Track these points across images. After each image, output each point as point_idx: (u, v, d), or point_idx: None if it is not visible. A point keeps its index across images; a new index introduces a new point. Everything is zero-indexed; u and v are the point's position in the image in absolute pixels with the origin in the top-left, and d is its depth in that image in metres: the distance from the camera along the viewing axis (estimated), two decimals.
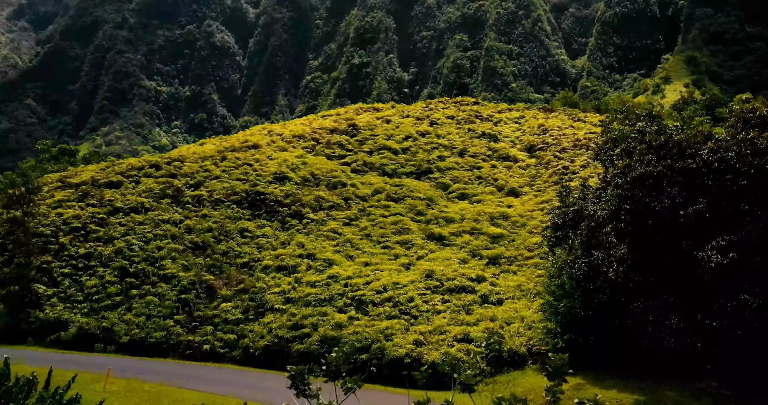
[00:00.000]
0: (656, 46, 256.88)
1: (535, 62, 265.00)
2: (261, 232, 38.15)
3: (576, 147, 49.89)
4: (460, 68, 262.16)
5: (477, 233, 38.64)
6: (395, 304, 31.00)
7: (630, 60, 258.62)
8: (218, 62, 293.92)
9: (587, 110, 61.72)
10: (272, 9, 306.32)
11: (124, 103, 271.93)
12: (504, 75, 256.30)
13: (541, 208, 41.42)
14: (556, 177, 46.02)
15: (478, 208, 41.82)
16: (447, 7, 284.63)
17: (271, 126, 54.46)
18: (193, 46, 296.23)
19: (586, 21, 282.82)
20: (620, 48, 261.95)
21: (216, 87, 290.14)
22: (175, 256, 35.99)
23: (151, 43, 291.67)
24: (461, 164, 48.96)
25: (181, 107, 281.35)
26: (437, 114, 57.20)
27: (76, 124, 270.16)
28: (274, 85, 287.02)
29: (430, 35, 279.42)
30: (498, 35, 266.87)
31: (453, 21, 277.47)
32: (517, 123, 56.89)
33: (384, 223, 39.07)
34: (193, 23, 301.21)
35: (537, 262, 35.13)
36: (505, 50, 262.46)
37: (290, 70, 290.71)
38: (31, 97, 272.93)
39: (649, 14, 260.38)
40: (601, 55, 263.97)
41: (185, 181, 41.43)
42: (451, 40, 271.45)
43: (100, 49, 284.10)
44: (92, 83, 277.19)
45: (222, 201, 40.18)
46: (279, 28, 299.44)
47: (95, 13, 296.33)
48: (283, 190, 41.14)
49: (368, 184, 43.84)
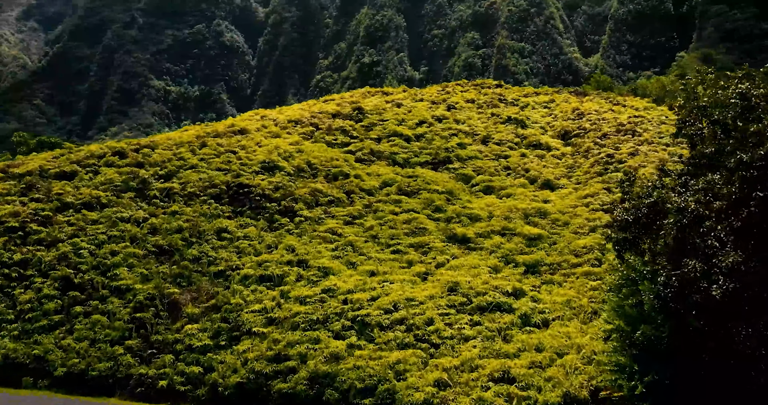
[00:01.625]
0: (670, 44, 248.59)
1: (547, 60, 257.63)
2: (243, 233, 30.28)
3: (619, 132, 41.76)
4: (472, 67, 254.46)
5: (509, 234, 30.61)
6: (409, 328, 23.06)
7: (644, 58, 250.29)
8: (227, 62, 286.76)
9: (623, 94, 53.75)
10: (281, 8, 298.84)
11: (133, 103, 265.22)
12: (516, 73, 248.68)
13: (586, 204, 33.33)
14: (599, 167, 37.93)
15: (508, 204, 33.77)
16: (458, 5, 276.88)
17: (265, 111, 46.61)
18: (201, 46, 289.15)
19: (599, 18, 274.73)
20: (634, 45, 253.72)
21: (225, 86, 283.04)
22: (133, 263, 28.14)
23: (159, 42, 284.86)
24: (485, 153, 40.95)
25: (190, 107, 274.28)
26: (455, 97, 49.17)
27: (85, 124, 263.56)
28: (284, 84, 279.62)
29: (441, 33, 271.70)
30: (510, 33, 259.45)
31: (464, 19, 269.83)
32: (547, 107, 48.78)
33: (394, 222, 31.12)
34: (202, 23, 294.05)
35: (588, 271, 27.09)
36: (517, 48, 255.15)
37: (300, 70, 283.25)
38: (39, 98, 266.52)
39: (663, 11, 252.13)
40: (615, 52, 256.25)
41: (154, 171, 33.56)
42: (463, 38, 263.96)
43: (108, 49, 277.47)
44: (101, 83, 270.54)
45: (197, 195, 32.32)
46: (288, 28, 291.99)
47: (103, 12, 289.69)
48: (272, 182, 33.26)
49: (375, 176, 35.91)
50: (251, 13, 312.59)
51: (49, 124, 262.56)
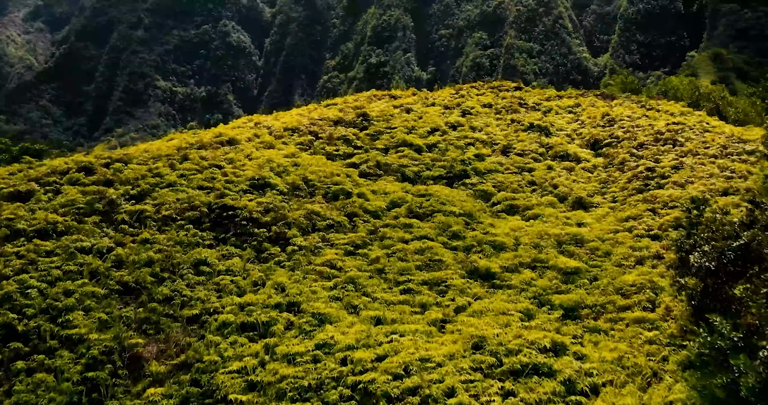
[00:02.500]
0: (681, 43, 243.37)
1: (556, 60, 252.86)
2: (225, 266, 25.09)
3: (658, 142, 36.40)
4: (480, 67, 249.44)
5: (541, 267, 25.34)
6: (424, 401, 17.92)
7: (654, 57, 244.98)
8: (234, 62, 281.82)
9: (653, 96, 48.47)
10: (288, 8, 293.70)
11: (140, 104, 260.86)
12: (525, 73, 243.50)
13: (628, 229, 28.01)
14: (638, 183, 32.58)
15: (537, 228, 28.50)
16: (466, 4, 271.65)
17: (260, 117, 41.41)
18: (208, 46, 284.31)
19: (609, 18, 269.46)
20: (643, 45, 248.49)
21: (232, 87, 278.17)
22: (91, 305, 23.00)
23: (166, 43, 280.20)
24: (506, 165, 35.66)
25: (197, 108, 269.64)
26: (470, 101, 43.86)
27: (91, 125, 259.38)
28: (291, 85, 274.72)
29: (449, 33, 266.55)
30: (518, 33, 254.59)
31: (472, 19, 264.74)
32: (572, 112, 43.44)
33: (405, 252, 25.89)
34: (209, 23, 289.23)
35: (641, 317, 21.79)
36: (525, 48, 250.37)
37: (307, 70, 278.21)
38: (45, 99, 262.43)
39: (673, 11, 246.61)
40: (624, 52, 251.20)
41: (125, 190, 28.37)
42: (470, 38, 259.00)
43: (115, 50, 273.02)
44: (107, 84, 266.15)
45: (173, 219, 27.15)
46: (295, 28, 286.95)
47: (110, 13, 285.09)
48: (261, 203, 28.06)
49: (382, 194, 30.68)
50: (258, 13, 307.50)
51: (56, 125, 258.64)
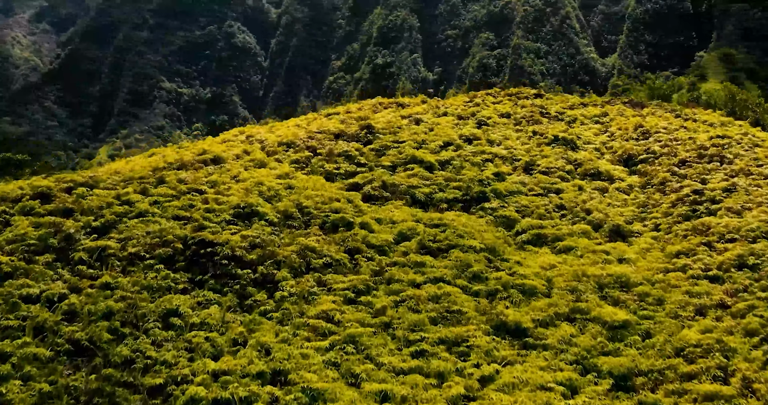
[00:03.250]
0: (689, 43, 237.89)
1: (563, 61, 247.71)
2: (200, 317, 20.45)
3: (702, 158, 31.63)
4: (487, 67, 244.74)
5: (582, 320, 20.63)
6: None
7: (662, 58, 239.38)
8: (239, 63, 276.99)
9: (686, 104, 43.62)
10: (294, 9, 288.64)
11: (144, 105, 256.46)
12: (532, 74, 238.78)
13: (681, 268, 23.25)
14: (684, 207, 27.82)
15: (572, 266, 23.80)
16: (472, 5, 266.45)
17: (252, 129, 36.60)
18: (213, 47, 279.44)
19: (616, 18, 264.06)
20: (652, 45, 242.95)
21: (237, 88, 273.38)
22: (32, 372, 18.41)
23: (170, 44, 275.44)
24: (530, 185, 30.92)
25: (202, 109, 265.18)
26: (486, 111, 39.11)
27: (96, 126, 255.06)
28: (296, 86, 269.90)
29: (456, 34, 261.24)
30: (525, 33, 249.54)
31: (479, 19, 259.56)
32: (599, 123, 38.65)
33: (416, 300, 21.23)
34: (214, 24, 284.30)
35: (713, 392, 17.07)
36: (532, 48, 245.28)
37: (312, 71, 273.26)
38: (50, 100, 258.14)
39: (681, 10, 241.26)
40: (632, 52, 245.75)
41: (86, 221, 23.77)
42: (477, 38, 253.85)
43: (119, 51, 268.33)
44: (112, 85, 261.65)
45: (141, 257, 22.49)
46: (301, 28, 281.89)
47: (114, 14, 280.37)
48: (247, 237, 23.38)
49: (389, 223, 25.99)
50: (263, 13, 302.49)
51: (60, 126, 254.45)
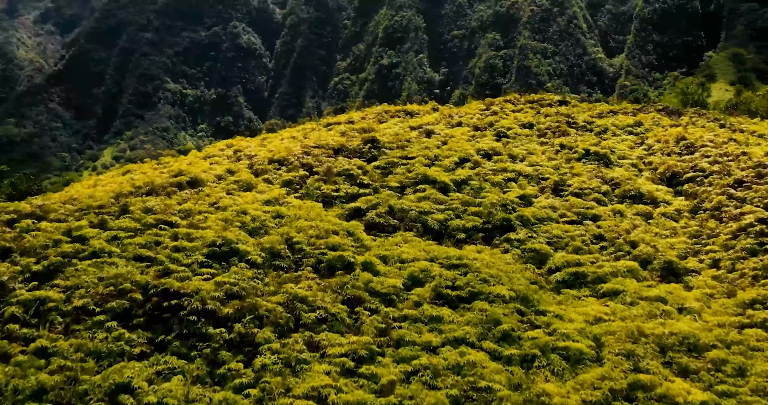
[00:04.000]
0: (698, 43, 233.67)
1: (570, 61, 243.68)
2: (158, 394, 15.57)
3: (762, 178, 26.82)
4: (493, 68, 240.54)
5: (645, 399, 15.87)
6: None
7: (670, 58, 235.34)
8: (244, 64, 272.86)
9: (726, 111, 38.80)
10: (299, 10, 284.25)
11: (149, 107, 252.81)
12: (539, 74, 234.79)
13: (761, 324, 18.46)
14: (749, 240, 22.94)
15: (626, 323, 18.96)
16: (478, 5, 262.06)
17: (242, 142, 31.77)
18: (218, 48, 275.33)
19: (624, 18, 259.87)
20: (660, 45, 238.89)
21: (242, 89, 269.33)
22: None
23: (175, 45, 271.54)
24: (561, 210, 26.08)
25: (207, 110, 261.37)
26: (506, 120, 34.29)
27: (101, 128, 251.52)
28: (302, 86, 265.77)
29: (462, 34, 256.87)
30: (532, 33, 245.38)
31: (485, 19, 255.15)
32: (633, 133, 33.78)
33: (432, 371, 16.45)
34: (219, 25, 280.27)
35: None
36: (539, 49, 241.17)
37: (318, 72, 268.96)
38: (55, 101, 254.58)
39: (690, 10, 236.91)
40: (640, 53, 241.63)
41: (26, 264, 19.09)
42: (483, 39, 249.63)
43: (124, 52, 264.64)
44: (117, 86, 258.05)
45: (90, 312, 17.70)
46: (306, 29, 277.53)
47: (119, 15, 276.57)
48: (221, 285, 18.59)
49: (397, 262, 21.20)
50: (268, 14, 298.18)
51: (65, 128, 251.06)
